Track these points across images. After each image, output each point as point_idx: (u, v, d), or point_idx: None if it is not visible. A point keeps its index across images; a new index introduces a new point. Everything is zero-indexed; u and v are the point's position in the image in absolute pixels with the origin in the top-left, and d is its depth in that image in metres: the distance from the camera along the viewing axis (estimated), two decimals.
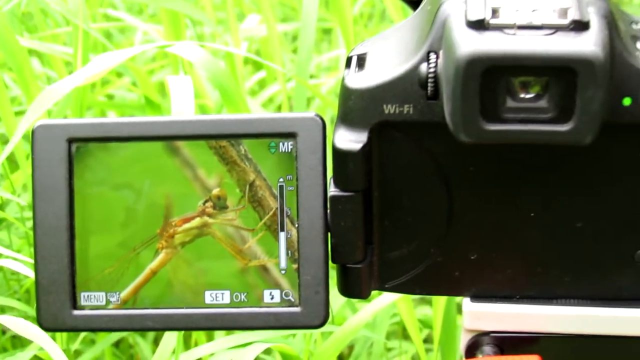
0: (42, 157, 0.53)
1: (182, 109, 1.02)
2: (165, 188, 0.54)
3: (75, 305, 0.54)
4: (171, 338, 1.00)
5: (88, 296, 0.54)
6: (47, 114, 1.10)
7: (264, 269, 0.54)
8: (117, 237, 0.54)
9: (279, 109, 1.53)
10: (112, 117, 1.39)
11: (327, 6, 1.53)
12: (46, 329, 0.55)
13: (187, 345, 1.27)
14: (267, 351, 1.23)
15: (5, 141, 1.33)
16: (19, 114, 1.38)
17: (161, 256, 0.54)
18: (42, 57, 1.54)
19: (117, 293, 0.54)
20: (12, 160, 1.31)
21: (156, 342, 1.30)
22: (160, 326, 0.55)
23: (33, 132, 0.53)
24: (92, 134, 0.53)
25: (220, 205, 0.54)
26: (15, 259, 1.10)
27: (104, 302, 0.54)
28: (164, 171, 0.54)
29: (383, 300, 1.06)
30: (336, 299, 0.97)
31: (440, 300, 1.08)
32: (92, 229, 0.54)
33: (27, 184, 1.11)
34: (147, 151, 0.53)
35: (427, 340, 1.38)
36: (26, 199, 1.20)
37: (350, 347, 1.42)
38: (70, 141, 0.53)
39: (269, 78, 1.57)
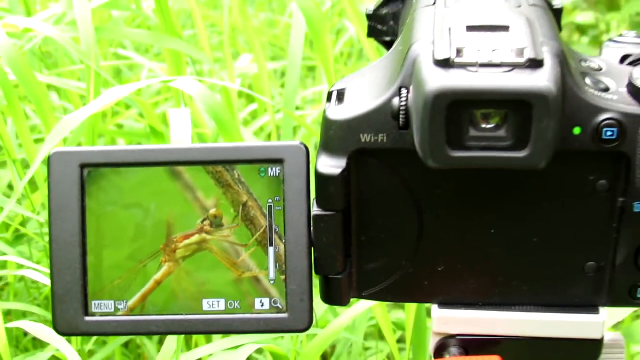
0: (57, 180, 0.53)
1: (181, 138, 1.02)
2: (168, 208, 0.54)
3: (87, 312, 0.54)
4: (174, 340, 1.00)
5: (99, 304, 0.54)
6: (63, 141, 1.09)
7: (256, 279, 0.54)
8: (127, 251, 0.54)
9: (269, 137, 1.53)
10: (120, 146, 1.39)
11: (311, 46, 1.53)
12: (61, 333, 0.55)
13: (188, 346, 1.27)
14: (259, 351, 1.23)
15: (26, 165, 1.33)
16: (38, 141, 1.38)
17: (164, 268, 0.54)
18: (59, 91, 1.54)
19: (125, 301, 0.54)
20: (32, 182, 1.30)
21: (161, 343, 1.29)
22: (163, 331, 0.55)
23: (49, 158, 0.53)
24: (101, 160, 0.53)
25: (216, 223, 0.53)
26: (35, 270, 1.10)
27: (112, 310, 0.54)
28: (167, 193, 0.53)
29: (361, 306, 1.06)
30: (319, 305, 0.97)
31: (412, 306, 1.08)
32: (105, 244, 0.54)
33: (45, 203, 1.10)
34: (152, 175, 0.53)
35: (401, 340, 1.38)
36: (45, 216, 1.20)
37: (333, 348, 1.41)
38: (82, 167, 0.53)
39: (260, 110, 1.57)
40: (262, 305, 0.54)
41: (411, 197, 0.52)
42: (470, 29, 0.48)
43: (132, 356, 1.52)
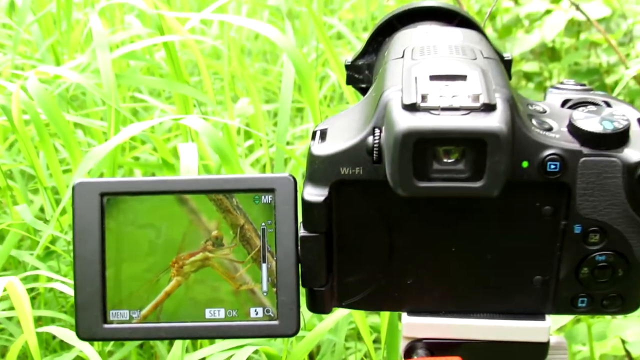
0: (81, 206, 0.53)
1: (189, 168, 1.02)
2: (177, 230, 0.53)
3: (105, 320, 0.53)
4: (181, 343, 1.00)
5: (115, 313, 0.53)
6: (88, 173, 1.09)
7: (251, 291, 0.53)
8: (142, 265, 0.53)
9: (263, 167, 1.53)
10: (135, 177, 1.38)
11: (299, 91, 1.53)
12: (82, 339, 0.54)
13: (194, 346, 1.26)
14: (255, 351, 1.23)
15: (55, 192, 1.32)
16: (66, 171, 1.38)
17: (173, 282, 0.53)
18: (84, 129, 1.54)
19: (139, 310, 0.54)
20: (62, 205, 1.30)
21: (171, 344, 1.29)
22: (171, 336, 0.55)
23: (73, 188, 0.53)
24: (118, 189, 0.53)
25: (217, 243, 0.53)
26: (63, 282, 1.09)
27: (128, 318, 0.54)
28: (175, 217, 0.53)
29: (342, 312, 1.06)
30: (306, 312, 0.97)
31: (385, 312, 1.08)
32: (123, 258, 0.53)
33: (71, 224, 1.10)
34: (163, 202, 0.53)
35: (376, 341, 1.37)
36: (70, 236, 1.19)
37: (318, 347, 1.41)
38: (102, 195, 0.53)
39: (256, 144, 1.57)
40: (257, 314, 0.54)
41: (383, 221, 0.52)
42: (433, 78, 0.48)
43: (146, 356, 1.51)
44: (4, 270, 1.38)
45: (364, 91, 0.65)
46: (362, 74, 0.65)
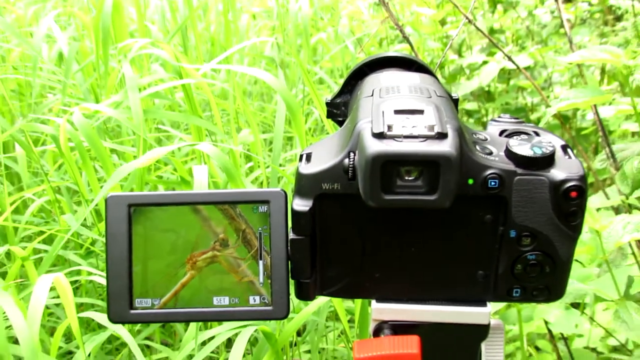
0: (112, 215, 0.52)
1: (201, 184, 1.01)
2: (191, 233, 0.52)
3: (131, 306, 0.52)
4: (194, 324, 0.99)
5: (140, 301, 0.52)
6: (120, 187, 1.08)
7: (251, 282, 0.52)
8: (165, 262, 0.52)
9: (261, 184, 1.52)
10: (157, 191, 1.37)
11: (289, 124, 1.53)
12: (113, 322, 0.53)
13: (206, 327, 1.25)
14: (255, 330, 1.22)
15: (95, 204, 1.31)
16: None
17: (188, 275, 0.52)
18: (118, 154, 1.53)
19: (159, 299, 0.52)
20: (98, 214, 1.29)
21: (187, 325, 1.28)
22: (186, 319, 0.54)
23: (106, 200, 0.52)
24: (143, 201, 0.52)
25: (224, 244, 0.52)
26: (100, 276, 1.08)
27: (150, 305, 0.52)
28: (190, 223, 0.52)
29: (323, 299, 1.05)
30: (295, 299, 0.96)
31: (358, 299, 1.07)
32: (149, 256, 0.52)
33: None
34: (180, 211, 0.52)
35: (351, 321, 1.37)
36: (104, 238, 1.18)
37: (304, 327, 1.40)
38: (130, 206, 0.52)
39: (255, 166, 1.57)
40: (255, 301, 0.53)
41: (357, 227, 0.52)
42: (397, 112, 0.47)
43: (167, 333, 1.49)
44: (54, 266, 1.37)
45: (340, 123, 0.64)
46: (339, 109, 0.65)
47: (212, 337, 1.02)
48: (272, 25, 2.58)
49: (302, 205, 0.50)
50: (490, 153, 0.50)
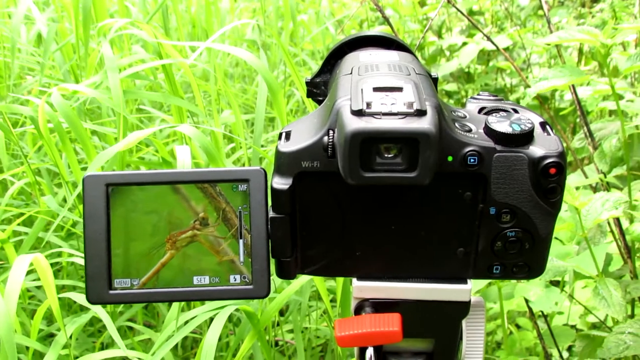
0: (89, 194, 0.51)
1: (183, 165, 1.01)
2: (171, 212, 0.51)
3: (110, 287, 0.51)
4: (176, 304, 0.98)
5: (119, 281, 0.51)
6: (101, 169, 1.07)
7: (231, 261, 0.52)
8: (144, 243, 0.51)
9: (243, 165, 1.51)
10: (134, 170, 1.36)
11: (271, 105, 1.52)
12: (92, 303, 0.52)
13: (188, 307, 1.25)
14: (237, 310, 1.22)
15: (75, 185, 1.30)
16: (84, 169, 1.35)
17: (167, 255, 0.52)
18: (98, 135, 1.51)
19: (138, 279, 0.52)
20: (79, 196, 1.28)
21: (170, 306, 1.27)
22: (166, 299, 0.53)
23: (83, 180, 0.51)
24: (120, 180, 0.51)
25: (204, 223, 0.52)
26: (81, 257, 1.07)
27: (129, 285, 0.52)
28: (170, 202, 0.51)
29: (305, 278, 1.05)
30: (277, 279, 0.96)
31: (340, 278, 1.07)
32: (130, 238, 0.51)
33: None
34: (160, 190, 0.51)
35: (333, 301, 1.37)
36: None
37: (287, 306, 1.40)
38: (107, 185, 0.51)
39: (236, 147, 1.56)
40: (235, 280, 0.52)
41: (336, 205, 0.51)
42: (376, 89, 0.47)
43: (150, 314, 1.49)
44: (34, 249, 1.36)
45: (320, 103, 0.64)
46: (319, 89, 0.64)
47: (194, 317, 1.02)
48: (253, 7, 2.56)
49: (281, 183, 0.49)
50: (470, 130, 0.49)
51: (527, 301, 1.18)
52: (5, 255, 1.16)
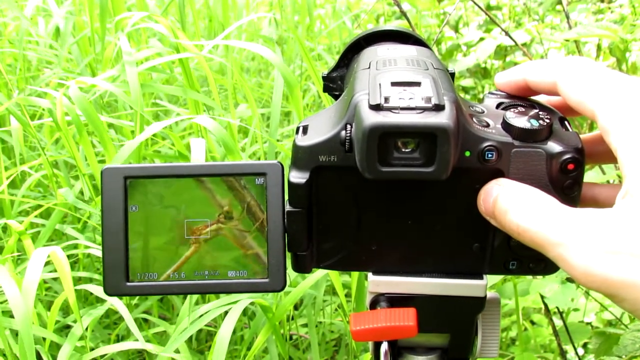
0: (108, 187, 0.51)
1: (198, 158, 1.01)
2: (195, 206, 0.51)
3: (128, 279, 0.52)
4: (195, 298, 0.99)
5: (137, 274, 0.52)
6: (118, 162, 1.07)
7: (256, 255, 0.52)
8: (166, 235, 0.51)
9: (259, 159, 1.51)
10: (153, 164, 1.37)
11: (287, 99, 1.52)
12: (108, 294, 0.52)
13: (203, 300, 1.25)
14: (252, 304, 1.22)
15: (92, 178, 1.31)
16: (100, 162, 1.36)
17: (192, 248, 0.52)
18: (115, 128, 1.52)
19: (156, 272, 0.52)
20: (95, 188, 1.29)
21: (184, 299, 1.28)
22: (183, 292, 0.52)
23: (102, 172, 0.51)
24: (138, 173, 0.51)
25: (229, 216, 0.51)
26: (98, 249, 1.08)
27: (147, 277, 0.52)
28: (192, 195, 0.51)
29: (321, 272, 1.05)
30: (292, 272, 0.96)
31: (355, 272, 1.07)
32: (150, 232, 0.51)
33: None
34: (181, 184, 0.51)
35: (348, 295, 1.37)
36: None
37: (302, 300, 1.40)
38: (125, 178, 0.51)
39: (252, 140, 1.56)
40: (256, 273, 0.52)
41: (354, 199, 0.51)
42: (394, 84, 0.46)
43: (165, 307, 1.50)
44: (51, 240, 1.37)
45: (337, 97, 0.64)
46: (335, 83, 0.64)
47: (209, 311, 1.02)
48: (270, 1, 2.56)
49: (298, 177, 0.49)
50: (487, 125, 0.49)
51: (542, 297, 1.17)
52: (22, 247, 1.17)
